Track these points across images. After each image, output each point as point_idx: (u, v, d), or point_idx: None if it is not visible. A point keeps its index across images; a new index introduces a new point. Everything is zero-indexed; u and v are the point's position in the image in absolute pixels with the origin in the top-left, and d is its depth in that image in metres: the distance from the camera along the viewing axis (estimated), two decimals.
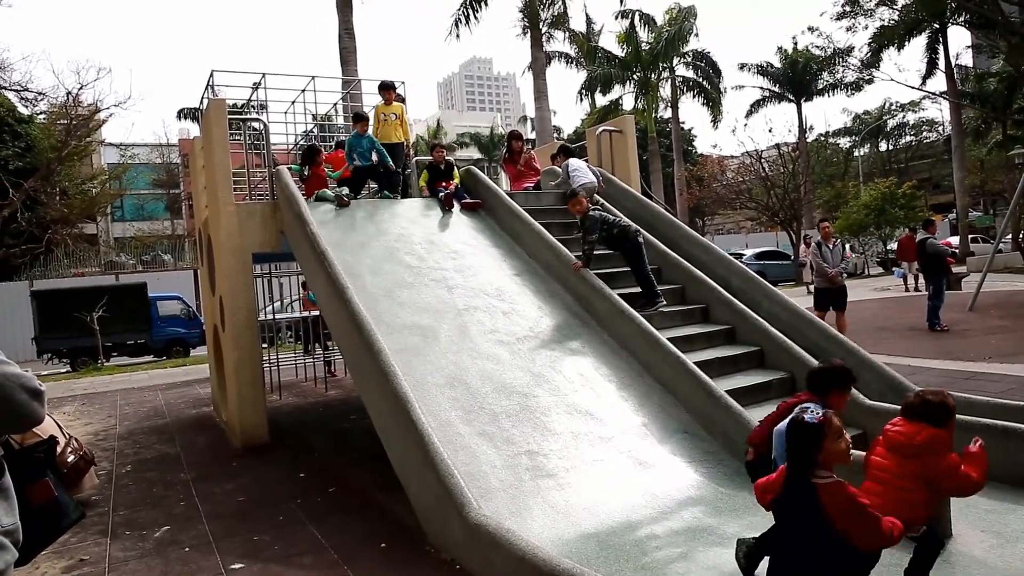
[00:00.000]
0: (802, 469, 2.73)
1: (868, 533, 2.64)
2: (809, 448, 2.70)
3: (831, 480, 2.69)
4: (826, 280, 10.04)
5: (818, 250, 10.18)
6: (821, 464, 2.71)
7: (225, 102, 7.95)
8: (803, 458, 2.73)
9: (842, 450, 2.73)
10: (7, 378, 1.71)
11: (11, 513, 1.78)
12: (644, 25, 30.86)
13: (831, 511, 2.63)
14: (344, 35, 18.09)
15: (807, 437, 2.71)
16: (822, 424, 2.70)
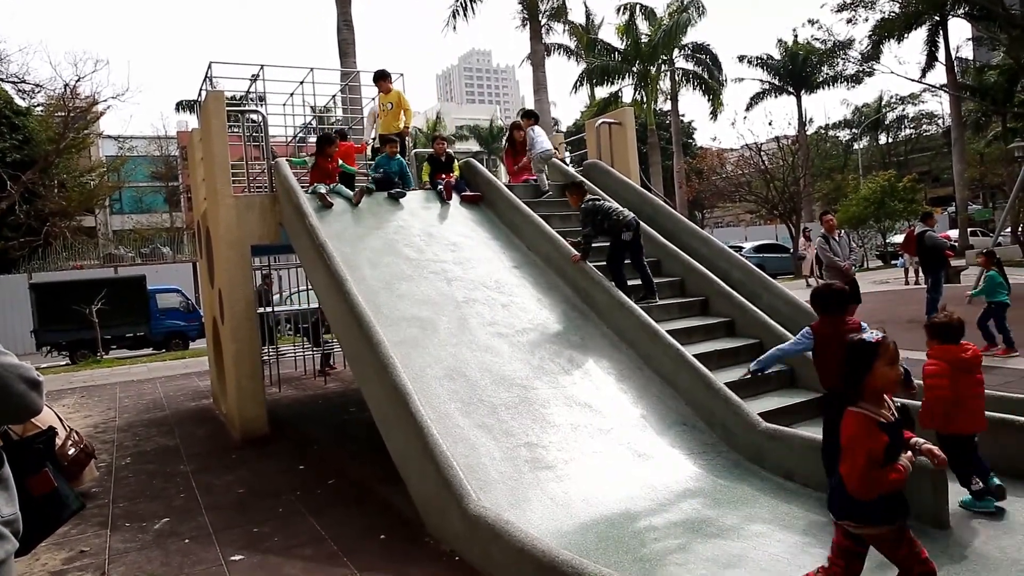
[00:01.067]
0: (847, 389, 2.66)
1: (855, 477, 2.53)
2: (860, 366, 2.62)
3: (859, 411, 2.60)
4: (839, 274, 9.43)
5: (825, 243, 9.62)
6: (867, 388, 2.62)
7: (223, 94, 7.93)
8: (852, 376, 2.64)
9: (892, 377, 2.63)
10: (5, 368, 1.71)
11: (11, 503, 1.79)
12: (644, 17, 30.75)
13: (842, 440, 2.60)
14: (343, 27, 18.02)
15: (860, 354, 2.63)
16: (877, 344, 2.63)
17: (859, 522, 2.65)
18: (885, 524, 2.61)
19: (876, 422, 2.56)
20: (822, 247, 9.65)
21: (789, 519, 4.03)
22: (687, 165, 35.05)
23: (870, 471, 2.51)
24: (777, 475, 4.61)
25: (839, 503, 2.68)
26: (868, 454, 2.52)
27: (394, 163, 8.28)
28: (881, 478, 2.52)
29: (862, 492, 2.53)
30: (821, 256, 9.82)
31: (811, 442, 4.50)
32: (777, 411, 5.34)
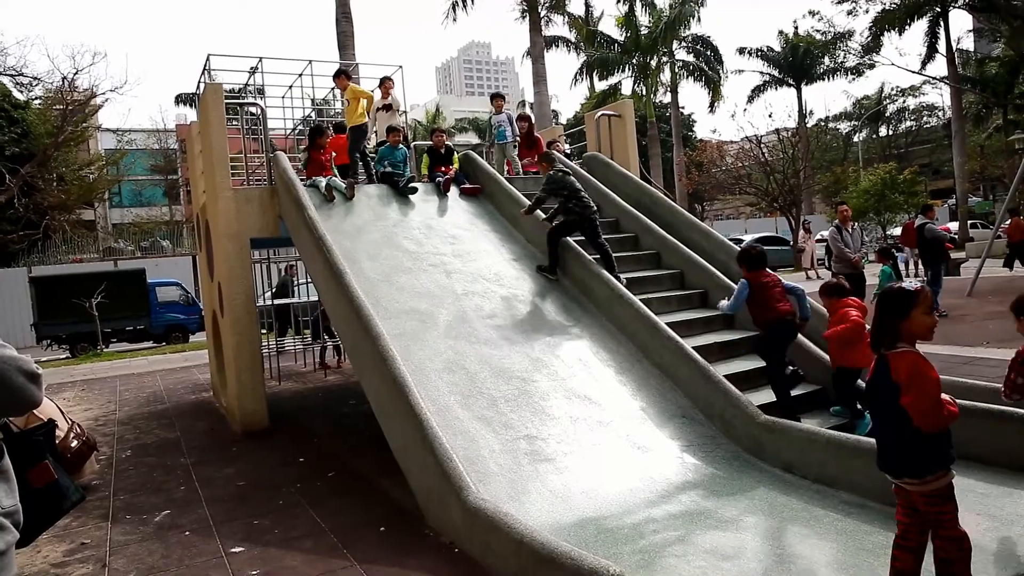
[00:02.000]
0: (883, 337, 2.74)
1: (927, 404, 2.59)
2: (897, 312, 2.70)
3: (903, 350, 2.69)
4: (848, 266, 9.30)
5: (838, 234, 9.44)
6: (905, 333, 2.71)
7: (222, 87, 7.91)
8: (886, 324, 2.73)
9: (929, 323, 2.71)
10: (4, 361, 1.72)
11: (11, 495, 1.80)
12: (645, 9, 30.62)
13: (897, 378, 2.64)
14: (342, 19, 17.95)
15: (900, 301, 2.72)
16: (917, 292, 2.72)
17: (918, 475, 2.69)
18: (945, 467, 2.69)
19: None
20: (834, 237, 9.47)
21: (788, 511, 4.05)
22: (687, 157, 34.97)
23: (940, 400, 2.61)
24: (776, 467, 4.62)
25: (898, 457, 2.73)
26: (936, 383, 2.62)
27: (399, 152, 8.25)
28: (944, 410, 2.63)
29: (934, 421, 2.61)
30: (832, 246, 9.61)
31: (810, 434, 4.51)
32: (776, 403, 5.34)
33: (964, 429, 4.56)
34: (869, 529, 3.72)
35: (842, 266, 9.45)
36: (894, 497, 3.89)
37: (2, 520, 1.73)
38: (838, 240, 9.43)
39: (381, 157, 8.26)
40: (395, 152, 8.25)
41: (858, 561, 3.41)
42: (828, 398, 5.62)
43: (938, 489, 2.69)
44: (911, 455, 2.69)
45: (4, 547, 1.72)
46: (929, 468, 2.68)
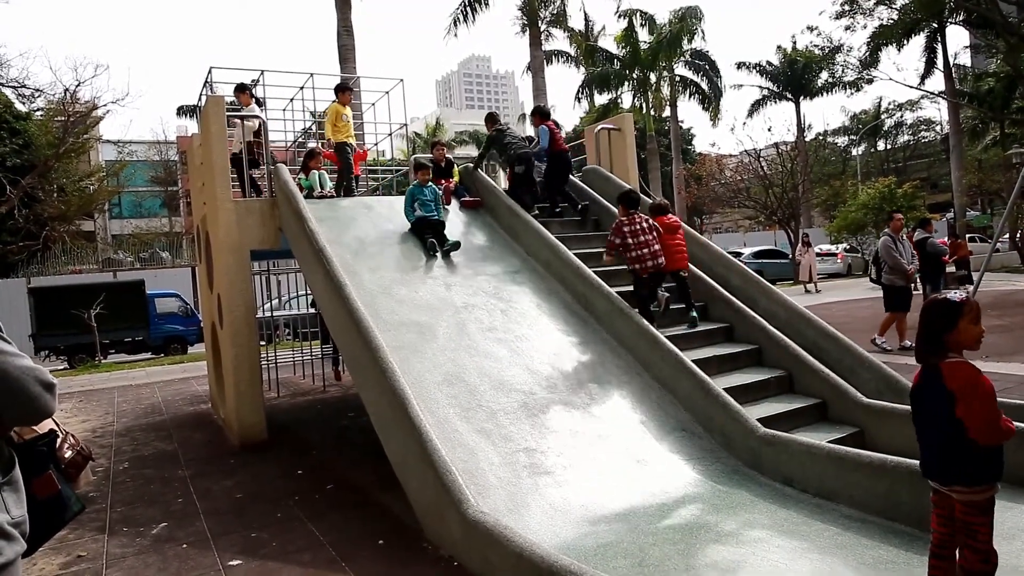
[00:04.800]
0: (931, 347, 2.73)
1: (986, 417, 2.58)
2: (943, 323, 2.69)
3: (956, 359, 2.68)
4: (902, 277, 9.19)
5: (893, 244, 9.21)
6: (951, 346, 2.70)
7: (223, 99, 7.95)
8: (933, 335, 2.72)
9: (976, 333, 2.70)
10: (22, 371, 1.73)
11: (20, 505, 1.81)
12: (644, 25, 30.82)
13: (952, 386, 2.63)
14: (343, 33, 18.08)
15: (944, 312, 2.71)
16: (962, 303, 2.71)
17: (968, 484, 2.66)
18: (993, 481, 2.67)
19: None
20: (889, 247, 9.25)
21: (788, 525, 4.03)
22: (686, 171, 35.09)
23: (999, 414, 2.59)
24: (776, 481, 4.61)
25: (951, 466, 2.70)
26: (993, 397, 2.60)
27: (428, 191, 7.37)
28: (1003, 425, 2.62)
29: (992, 435, 2.59)
30: (886, 257, 9.28)
31: (810, 448, 4.50)
32: (775, 416, 5.34)
33: None
34: (869, 543, 3.70)
35: (896, 277, 9.26)
36: (894, 511, 3.89)
37: (11, 530, 1.74)
38: (893, 250, 9.19)
39: (410, 198, 7.35)
40: (423, 190, 7.35)
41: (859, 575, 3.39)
42: (826, 413, 5.62)
43: (981, 500, 2.68)
44: (965, 464, 2.66)
45: (13, 557, 1.73)
46: (981, 479, 2.66)
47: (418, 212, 7.25)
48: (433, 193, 7.39)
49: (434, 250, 6.98)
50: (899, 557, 3.54)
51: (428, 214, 7.23)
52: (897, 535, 3.77)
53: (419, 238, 7.18)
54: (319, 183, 8.41)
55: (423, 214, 7.22)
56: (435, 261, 6.99)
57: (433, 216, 7.23)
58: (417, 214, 7.24)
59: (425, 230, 7.14)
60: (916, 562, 3.49)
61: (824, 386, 5.68)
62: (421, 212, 7.24)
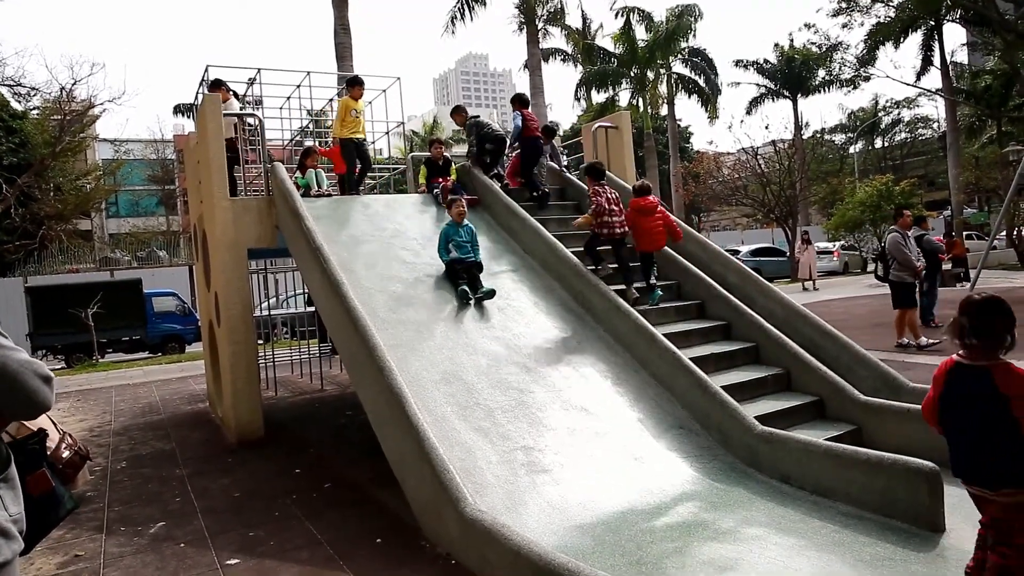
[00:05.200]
0: (992, 345, 2.71)
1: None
2: (1008, 322, 2.69)
3: (1008, 362, 2.68)
4: (911, 273, 9.21)
5: (904, 241, 9.22)
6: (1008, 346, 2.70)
7: (219, 97, 7.91)
8: (996, 334, 2.69)
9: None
10: (21, 364, 1.75)
11: (17, 503, 1.82)
12: (642, 22, 30.80)
13: (1008, 390, 2.62)
14: (340, 31, 18.04)
15: (1008, 311, 2.71)
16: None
17: (1021, 485, 2.64)
18: None
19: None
20: (900, 243, 9.23)
21: (785, 522, 4.04)
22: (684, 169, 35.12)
23: None
24: (773, 478, 4.61)
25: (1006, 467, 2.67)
26: None
27: (464, 231, 6.73)
28: None
29: None
30: (897, 253, 9.24)
31: (807, 445, 4.51)
32: (773, 414, 5.34)
33: None
34: (867, 540, 3.71)
35: (905, 273, 9.24)
36: (891, 508, 3.91)
37: (9, 527, 1.74)
38: (904, 246, 9.19)
39: (445, 238, 6.70)
40: (459, 229, 6.70)
41: (856, 573, 3.40)
42: (823, 411, 5.63)
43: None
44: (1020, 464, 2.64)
45: (11, 555, 1.73)
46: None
47: (453, 254, 6.57)
48: (470, 233, 6.74)
49: (466, 297, 6.28)
50: (896, 554, 3.55)
51: (464, 256, 6.57)
52: (894, 532, 3.78)
53: (451, 282, 6.53)
54: (316, 181, 8.41)
55: (459, 256, 6.56)
56: (431, 260, 6.96)
57: (470, 258, 6.58)
58: (452, 256, 6.57)
59: (460, 274, 6.49)
60: (913, 559, 3.50)
61: (821, 384, 5.68)
62: (457, 254, 6.56)
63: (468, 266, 6.54)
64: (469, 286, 6.40)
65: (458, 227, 6.69)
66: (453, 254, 6.56)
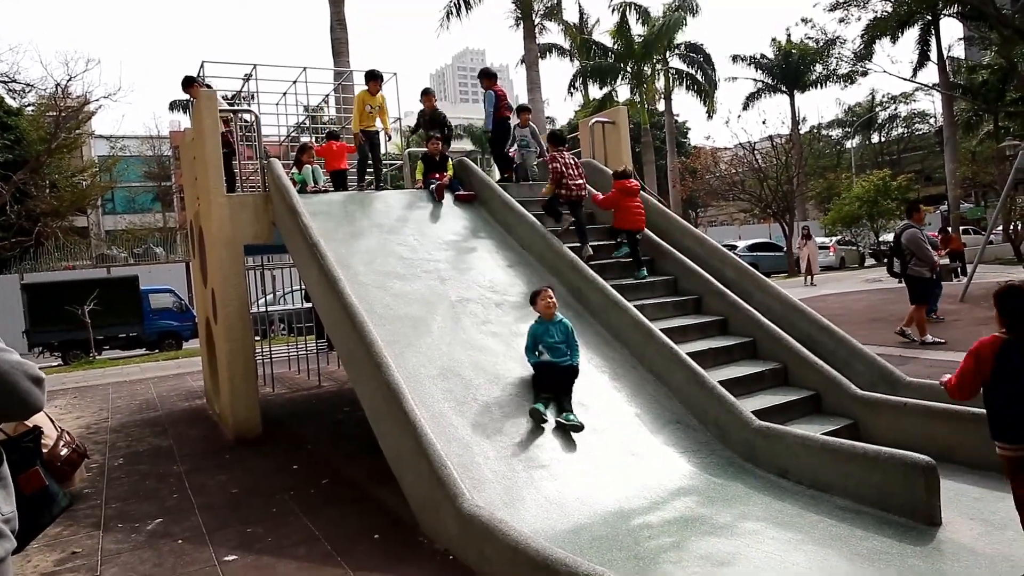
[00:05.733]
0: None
1: None
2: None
3: None
4: (929, 269, 9.14)
5: (922, 236, 9.17)
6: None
7: (216, 93, 7.90)
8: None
9: None
10: (11, 366, 1.74)
11: (9, 501, 1.81)
12: (638, 18, 30.74)
13: None
14: (336, 26, 17.99)
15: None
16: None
17: None
18: None
19: None
20: (919, 238, 9.18)
21: (783, 517, 4.05)
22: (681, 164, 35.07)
23: None
24: (771, 473, 4.62)
25: None
26: None
27: (556, 328, 5.31)
28: None
29: None
30: (914, 247, 9.16)
31: (804, 440, 4.52)
32: (770, 409, 5.36)
33: (958, 434, 4.57)
34: (863, 534, 3.72)
35: (923, 268, 9.19)
36: (887, 502, 3.93)
37: (1, 527, 1.73)
38: (923, 241, 9.16)
39: (533, 337, 5.34)
40: (550, 328, 5.31)
41: (853, 567, 3.41)
42: (820, 406, 5.64)
43: None
44: None
45: (3, 554, 1.73)
46: None
47: (545, 356, 5.24)
48: (564, 331, 5.31)
49: (541, 420, 4.90)
50: (892, 548, 3.56)
51: (559, 360, 5.20)
52: (891, 526, 3.79)
53: (535, 390, 5.21)
54: (312, 178, 8.39)
55: (551, 359, 5.21)
56: (429, 256, 6.95)
57: (565, 362, 5.22)
58: (543, 358, 5.24)
59: (547, 385, 5.15)
60: (909, 552, 3.51)
61: (818, 378, 5.69)
62: (549, 357, 5.23)
63: (561, 373, 5.18)
64: (555, 403, 5.07)
65: (548, 324, 5.32)
66: (544, 356, 5.23)
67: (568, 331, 5.33)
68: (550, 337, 5.28)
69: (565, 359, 5.24)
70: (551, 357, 5.22)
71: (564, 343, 5.28)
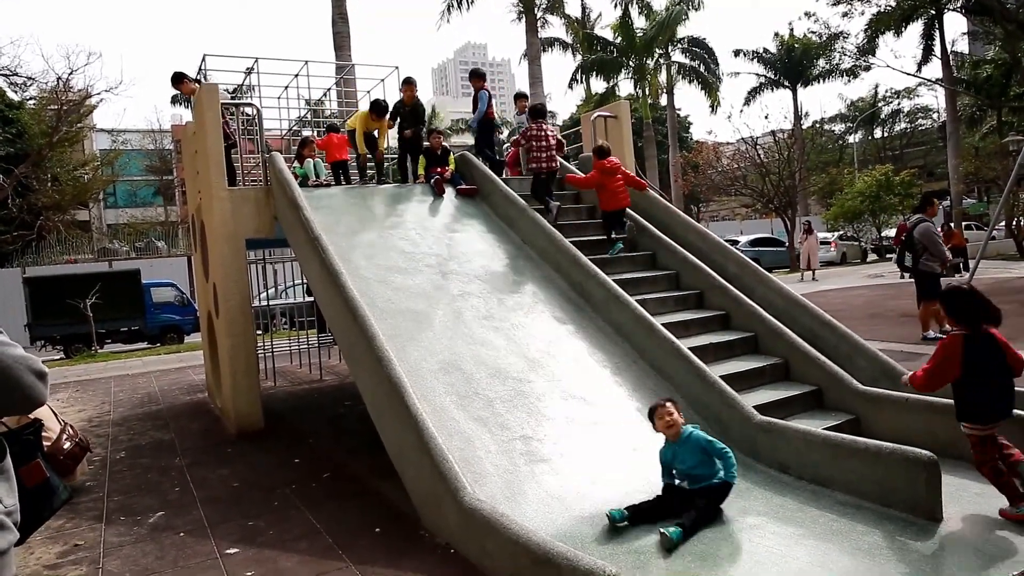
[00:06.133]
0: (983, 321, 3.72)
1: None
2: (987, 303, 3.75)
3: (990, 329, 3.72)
4: (940, 263, 9.07)
5: (936, 229, 9.09)
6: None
7: (218, 87, 7.88)
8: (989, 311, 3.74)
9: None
10: (15, 360, 1.74)
11: (12, 494, 1.81)
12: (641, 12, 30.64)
13: (1003, 346, 3.70)
14: (338, 20, 17.95)
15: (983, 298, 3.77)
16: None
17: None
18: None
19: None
20: (933, 232, 9.10)
21: (784, 511, 4.05)
22: (683, 159, 35.02)
23: None
24: (772, 468, 4.62)
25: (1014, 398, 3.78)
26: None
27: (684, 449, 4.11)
28: None
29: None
30: (927, 242, 9.04)
31: (805, 435, 4.51)
32: (771, 404, 5.35)
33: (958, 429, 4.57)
34: (864, 529, 3.72)
35: (935, 263, 9.09)
36: (889, 497, 3.93)
37: (4, 519, 1.74)
38: (937, 236, 9.07)
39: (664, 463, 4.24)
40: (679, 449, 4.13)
41: (854, 562, 3.41)
42: (822, 401, 5.64)
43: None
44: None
45: (6, 546, 1.73)
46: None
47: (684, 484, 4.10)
48: (695, 449, 4.07)
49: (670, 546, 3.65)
50: (894, 543, 3.56)
51: (701, 485, 4.02)
52: (892, 521, 3.79)
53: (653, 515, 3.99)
54: (314, 171, 8.39)
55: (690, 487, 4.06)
56: (430, 251, 6.94)
57: (712, 480, 4.03)
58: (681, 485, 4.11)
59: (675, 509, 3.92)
60: (910, 547, 3.51)
61: (820, 373, 5.68)
62: (688, 485, 4.08)
63: (709, 492, 3.98)
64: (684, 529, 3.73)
65: (675, 446, 4.16)
66: (684, 484, 4.11)
67: (702, 445, 4.07)
68: (682, 463, 4.08)
69: (713, 476, 4.02)
70: (690, 485, 4.04)
71: (703, 463, 4.05)
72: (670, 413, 4.21)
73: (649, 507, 4.01)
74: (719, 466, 4.07)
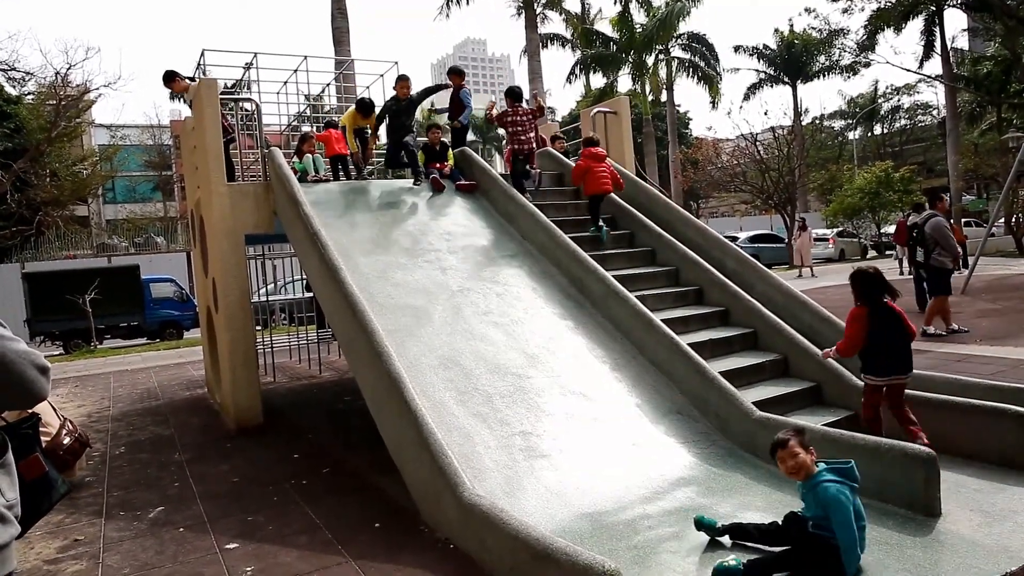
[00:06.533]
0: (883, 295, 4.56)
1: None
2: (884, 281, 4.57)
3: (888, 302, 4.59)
4: (951, 259, 8.98)
5: (948, 225, 9.01)
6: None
7: (216, 82, 7.86)
8: (886, 288, 4.56)
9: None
10: (18, 355, 1.74)
11: (13, 488, 1.82)
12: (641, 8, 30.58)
13: (902, 317, 4.56)
14: (337, 15, 17.90)
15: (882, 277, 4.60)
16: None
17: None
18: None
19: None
20: (945, 227, 9.03)
21: (782, 507, 4.04)
22: (683, 155, 34.99)
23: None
24: (771, 464, 4.62)
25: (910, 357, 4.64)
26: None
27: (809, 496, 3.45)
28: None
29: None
30: (939, 237, 8.97)
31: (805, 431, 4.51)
32: (771, 400, 5.36)
33: (957, 425, 4.58)
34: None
35: (946, 258, 9.01)
36: (887, 493, 3.94)
37: (5, 513, 1.74)
38: (949, 231, 9.01)
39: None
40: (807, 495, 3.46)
41: None
42: (821, 397, 5.65)
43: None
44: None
45: (7, 540, 1.74)
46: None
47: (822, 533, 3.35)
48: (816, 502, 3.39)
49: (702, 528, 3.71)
50: (892, 538, 3.57)
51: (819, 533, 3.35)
52: (890, 516, 3.80)
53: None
54: (313, 167, 8.39)
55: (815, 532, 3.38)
56: (430, 246, 6.94)
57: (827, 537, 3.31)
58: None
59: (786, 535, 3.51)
60: (908, 543, 3.52)
61: (819, 369, 5.69)
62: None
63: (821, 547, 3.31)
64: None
65: (800, 486, 3.52)
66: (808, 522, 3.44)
67: (821, 501, 3.33)
68: (807, 509, 3.47)
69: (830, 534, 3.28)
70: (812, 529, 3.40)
71: (823, 518, 3.33)
72: (793, 455, 3.44)
73: (754, 529, 3.59)
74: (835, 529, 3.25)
